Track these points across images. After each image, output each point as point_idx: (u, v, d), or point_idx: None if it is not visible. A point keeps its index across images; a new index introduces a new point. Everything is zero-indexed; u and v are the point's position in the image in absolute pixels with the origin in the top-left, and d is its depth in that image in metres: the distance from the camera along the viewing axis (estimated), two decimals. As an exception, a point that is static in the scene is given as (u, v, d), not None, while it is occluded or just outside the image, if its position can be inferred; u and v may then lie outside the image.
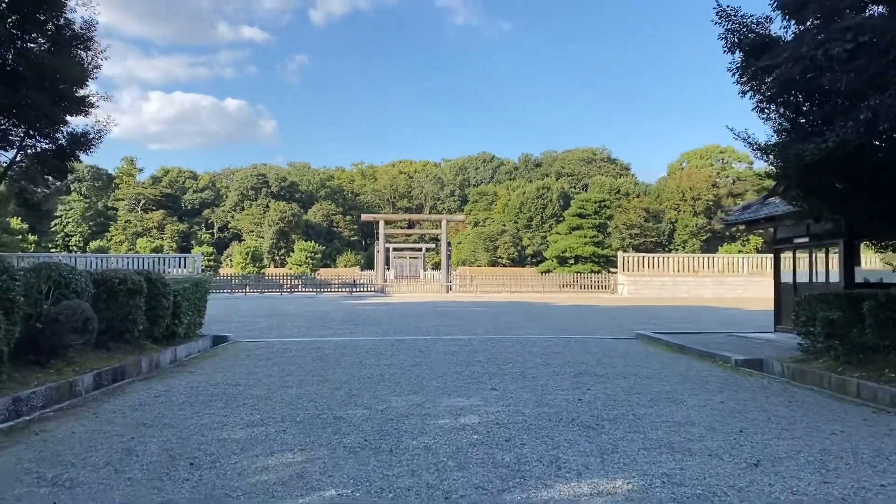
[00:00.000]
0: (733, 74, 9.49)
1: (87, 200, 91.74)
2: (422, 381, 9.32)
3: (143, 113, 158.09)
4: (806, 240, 13.65)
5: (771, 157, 10.34)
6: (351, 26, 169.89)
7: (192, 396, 8.27)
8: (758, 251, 79.30)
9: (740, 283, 43.60)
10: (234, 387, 8.94)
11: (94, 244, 74.83)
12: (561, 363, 11.19)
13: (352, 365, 10.94)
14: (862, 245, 13.30)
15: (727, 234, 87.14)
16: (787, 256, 14.71)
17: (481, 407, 7.42)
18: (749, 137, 10.68)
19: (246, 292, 43.40)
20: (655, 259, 46.00)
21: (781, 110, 9.45)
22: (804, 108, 9.17)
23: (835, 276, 13.05)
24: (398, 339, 14.93)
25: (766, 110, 9.90)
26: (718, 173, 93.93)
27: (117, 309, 11.09)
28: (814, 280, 13.63)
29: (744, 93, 9.93)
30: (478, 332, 16.69)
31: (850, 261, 12.45)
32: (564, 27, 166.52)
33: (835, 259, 13.14)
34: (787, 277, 14.54)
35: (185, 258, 45.27)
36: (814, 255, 13.69)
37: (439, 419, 6.79)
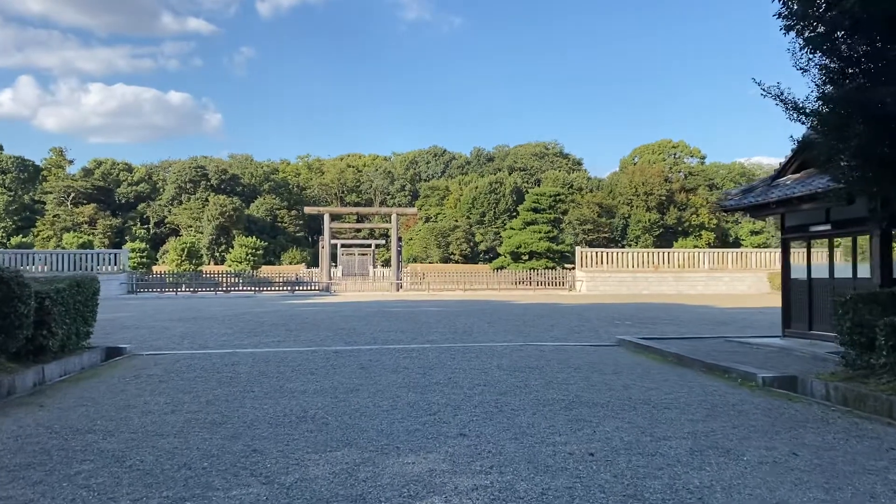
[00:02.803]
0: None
1: (12, 193, 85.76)
2: (360, 419, 6.64)
3: (81, 105, 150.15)
4: (826, 227, 11.42)
5: (813, 118, 8.03)
6: (299, 19, 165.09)
7: (8, 456, 5.42)
8: (710, 246, 78.78)
9: (701, 279, 42.08)
10: (84, 435, 6.11)
11: (15, 240, 69.52)
12: (542, 385, 8.64)
13: (267, 392, 8.18)
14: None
15: (679, 229, 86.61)
16: (798, 248, 12.50)
17: (448, 477, 4.77)
18: (783, 94, 8.34)
19: (177, 292, 39.83)
20: (613, 255, 44.13)
21: (845, 48, 7.08)
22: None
23: (863, 271, 10.84)
24: (336, 351, 12.18)
25: (819, 50, 7.53)
26: (671, 168, 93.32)
27: (-54, 318, 8.16)
28: (835, 275, 11.41)
29: (789, 28, 7.54)
30: (433, 339, 14.07)
31: (888, 252, 10.24)
32: (515, 23, 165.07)
33: (863, 251, 10.94)
34: (799, 273, 12.31)
35: (113, 254, 41.40)
36: (835, 246, 11.48)
37: (381, 508, 4.13)
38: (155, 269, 61.99)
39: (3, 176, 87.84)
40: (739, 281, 41.94)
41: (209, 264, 73.44)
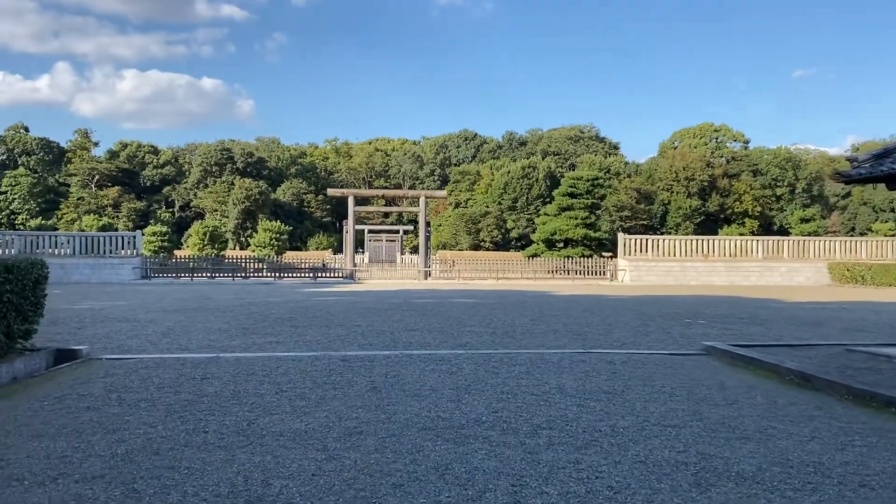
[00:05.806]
0: None
1: (37, 175, 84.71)
2: (352, 509, 3.87)
3: (116, 91, 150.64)
4: None
5: None
6: (331, 4, 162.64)
7: None
8: (753, 233, 74.72)
9: (755, 269, 38.64)
10: None
11: (34, 222, 68.20)
12: (636, 428, 5.79)
13: (224, 436, 5.44)
14: None
15: (722, 216, 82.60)
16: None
17: None
18: None
19: (193, 277, 37.53)
20: (659, 242, 40.79)
21: None
22: None
23: None
24: (343, 358, 9.45)
25: None
26: (713, 153, 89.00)
27: None
28: None
29: None
30: (467, 343, 11.26)
31: None
32: (547, 6, 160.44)
33: None
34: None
35: (129, 237, 39.16)
36: None
37: None
38: (178, 253, 60.10)
39: (28, 158, 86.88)
40: (797, 272, 38.48)
41: (234, 249, 71.54)
